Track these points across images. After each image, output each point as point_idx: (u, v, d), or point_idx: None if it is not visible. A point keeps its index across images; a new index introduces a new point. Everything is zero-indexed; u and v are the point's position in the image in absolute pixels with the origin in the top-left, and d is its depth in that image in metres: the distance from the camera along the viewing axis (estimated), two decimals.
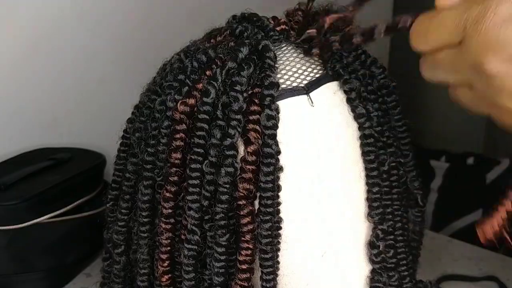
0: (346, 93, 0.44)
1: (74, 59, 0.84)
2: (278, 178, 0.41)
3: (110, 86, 0.89)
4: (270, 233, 0.41)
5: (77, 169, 0.74)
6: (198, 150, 0.41)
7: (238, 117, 0.40)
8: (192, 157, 0.41)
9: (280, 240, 0.42)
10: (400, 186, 0.47)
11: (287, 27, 0.46)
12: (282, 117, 0.41)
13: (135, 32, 0.90)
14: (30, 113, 0.81)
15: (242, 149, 0.41)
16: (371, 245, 0.45)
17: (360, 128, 0.44)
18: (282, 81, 0.43)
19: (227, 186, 0.40)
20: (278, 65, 0.43)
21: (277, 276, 0.42)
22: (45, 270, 0.70)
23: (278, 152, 0.41)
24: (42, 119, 0.83)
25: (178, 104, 0.42)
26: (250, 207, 0.41)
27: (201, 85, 0.42)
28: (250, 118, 0.40)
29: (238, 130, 0.40)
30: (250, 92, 0.41)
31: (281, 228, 0.42)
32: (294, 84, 0.43)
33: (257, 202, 0.41)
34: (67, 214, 0.71)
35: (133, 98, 0.50)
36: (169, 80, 0.44)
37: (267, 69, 0.41)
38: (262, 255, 0.41)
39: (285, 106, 0.42)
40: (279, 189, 0.41)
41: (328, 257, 0.44)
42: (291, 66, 0.44)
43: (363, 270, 0.46)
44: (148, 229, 0.45)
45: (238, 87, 0.41)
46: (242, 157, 0.41)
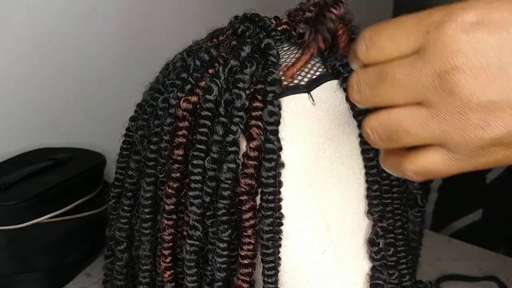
0: (346, 91, 0.44)
1: (74, 59, 0.84)
2: (280, 174, 0.41)
3: (110, 86, 0.89)
4: (271, 228, 0.41)
5: (77, 169, 0.74)
6: (200, 147, 0.41)
7: (241, 114, 0.41)
8: (194, 153, 0.42)
9: (281, 236, 0.42)
10: (400, 185, 0.47)
11: (289, 27, 0.46)
12: (283, 114, 0.42)
13: (136, 32, 0.91)
14: (30, 113, 0.81)
15: (243, 145, 0.41)
16: (371, 242, 0.45)
17: (359, 126, 0.44)
18: (283, 78, 0.43)
19: (229, 182, 0.41)
20: (280, 63, 0.44)
21: (278, 271, 0.43)
22: (45, 270, 0.70)
23: (280, 148, 0.41)
24: (42, 119, 0.83)
25: (181, 101, 0.42)
26: (252, 203, 0.41)
27: (203, 83, 0.43)
28: (253, 114, 0.41)
29: (241, 126, 0.41)
30: (253, 89, 0.42)
31: (282, 224, 0.42)
32: (295, 82, 0.43)
33: (258, 198, 0.42)
34: (67, 214, 0.71)
35: (133, 98, 0.50)
36: (171, 78, 0.45)
37: (270, 66, 0.42)
38: (264, 251, 0.42)
39: (286, 103, 0.42)
40: (281, 185, 0.42)
41: (328, 254, 0.44)
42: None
43: (363, 267, 0.46)
44: (150, 225, 0.46)
45: (240, 85, 0.41)
46: (244, 152, 0.41)
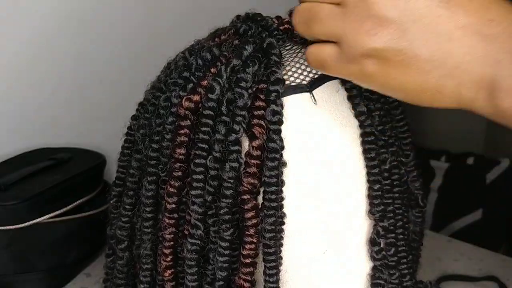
0: (347, 91, 0.44)
1: (74, 59, 0.84)
2: (282, 173, 0.41)
3: (110, 86, 0.89)
4: (273, 227, 0.41)
5: (77, 169, 0.74)
6: (203, 146, 0.41)
7: (243, 113, 0.41)
8: (196, 152, 0.42)
9: (283, 235, 0.42)
10: (401, 185, 0.47)
11: (290, 27, 0.47)
12: (285, 113, 0.42)
13: (136, 32, 0.90)
14: (30, 113, 0.81)
15: (246, 144, 0.42)
16: (372, 242, 0.45)
17: (361, 126, 0.44)
18: (285, 78, 0.43)
19: (232, 181, 0.41)
20: (282, 62, 0.44)
21: (279, 271, 0.43)
22: (45, 270, 0.69)
23: (283, 147, 0.41)
24: (42, 119, 0.83)
25: (183, 100, 0.42)
26: (254, 202, 0.41)
27: (206, 82, 0.43)
28: (255, 113, 0.41)
29: (243, 125, 0.41)
30: (255, 88, 0.42)
31: (284, 223, 0.42)
32: (297, 81, 0.43)
33: (260, 197, 0.42)
34: (67, 214, 0.71)
35: (133, 98, 0.50)
36: (173, 77, 0.45)
37: (273, 65, 0.42)
38: (266, 250, 0.42)
39: (288, 103, 0.42)
40: (283, 184, 0.42)
41: (329, 253, 0.44)
42: (294, 64, 0.44)
43: (365, 267, 0.46)
44: (151, 224, 0.46)
45: (243, 84, 0.41)
46: (246, 152, 0.41)
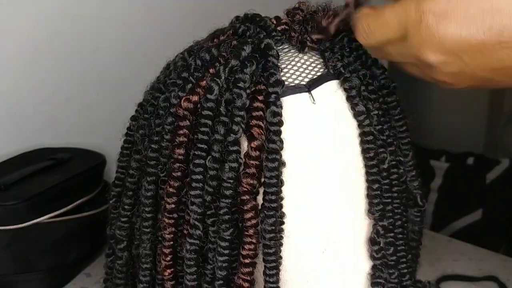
0: (346, 91, 0.44)
1: (74, 59, 0.84)
2: (282, 173, 0.41)
3: (110, 86, 0.89)
4: (274, 228, 0.41)
5: (77, 169, 0.74)
6: (202, 146, 0.42)
7: (242, 113, 0.41)
8: (195, 152, 0.42)
9: (283, 235, 0.42)
10: (400, 184, 0.47)
11: (288, 27, 0.47)
12: (284, 114, 0.42)
13: (136, 32, 0.91)
14: (30, 113, 0.81)
15: (245, 145, 0.42)
16: (372, 241, 0.45)
17: (359, 125, 0.44)
18: (284, 79, 0.43)
19: (231, 181, 0.41)
20: (280, 63, 0.44)
21: (279, 271, 0.43)
22: (45, 270, 0.70)
23: (282, 148, 0.41)
24: (42, 119, 0.83)
25: (182, 100, 0.43)
26: (254, 202, 0.41)
27: (204, 82, 0.43)
28: (254, 114, 0.41)
29: (242, 126, 0.41)
30: (253, 89, 0.42)
31: (284, 223, 0.42)
32: (296, 81, 0.44)
33: (259, 197, 0.42)
34: (67, 214, 0.71)
35: (133, 98, 0.51)
36: (172, 78, 0.45)
37: (271, 67, 0.42)
38: (266, 250, 0.42)
39: (287, 103, 0.42)
40: (282, 184, 0.42)
41: (328, 253, 0.45)
42: (293, 64, 0.44)
43: (364, 266, 0.46)
44: (150, 224, 0.46)
45: (241, 84, 0.41)
46: (245, 152, 0.41)
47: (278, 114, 0.41)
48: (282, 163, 0.41)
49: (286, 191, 0.42)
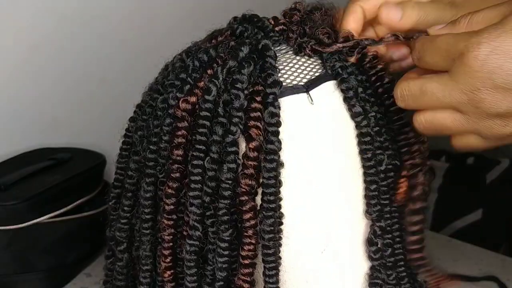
0: (343, 91, 0.44)
1: (74, 60, 0.84)
2: (280, 174, 0.42)
3: (110, 86, 0.89)
4: (272, 228, 0.42)
5: (77, 169, 0.74)
6: (200, 147, 0.42)
7: (240, 114, 0.41)
8: (194, 153, 0.42)
9: (282, 235, 0.42)
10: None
11: (286, 28, 0.47)
12: (282, 114, 0.42)
13: (136, 32, 0.91)
14: (30, 113, 0.81)
15: (243, 146, 0.42)
16: (370, 242, 0.45)
17: (357, 126, 0.44)
18: (282, 79, 0.43)
19: (230, 182, 0.41)
20: (278, 64, 0.44)
21: (279, 271, 0.43)
22: (45, 270, 0.70)
23: (280, 148, 0.41)
24: (42, 119, 0.83)
25: (180, 101, 0.43)
26: (252, 203, 0.41)
27: (202, 83, 0.43)
28: (251, 115, 0.41)
29: (240, 127, 0.41)
30: (251, 89, 0.42)
31: (282, 223, 0.42)
32: (294, 82, 0.43)
33: (258, 198, 0.42)
34: (67, 214, 0.71)
35: (133, 98, 0.51)
36: (171, 79, 0.45)
37: (269, 68, 0.42)
38: (265, 251, 0.42)
39: (285, 103, 0.42)
40: (281, 184, 0.42)
41: (328, 253, 0.45)
42: (291, 65, 0.44)
43: (362, 267, 0.46)
44: (150, 225, 0.46)
45: (239, 85, 0.41)
46: (243, 153, 0.41)
47: (276, 115, 0.41)
48: (280, 164, 0.41)
49: (284, 192, 0.42)
